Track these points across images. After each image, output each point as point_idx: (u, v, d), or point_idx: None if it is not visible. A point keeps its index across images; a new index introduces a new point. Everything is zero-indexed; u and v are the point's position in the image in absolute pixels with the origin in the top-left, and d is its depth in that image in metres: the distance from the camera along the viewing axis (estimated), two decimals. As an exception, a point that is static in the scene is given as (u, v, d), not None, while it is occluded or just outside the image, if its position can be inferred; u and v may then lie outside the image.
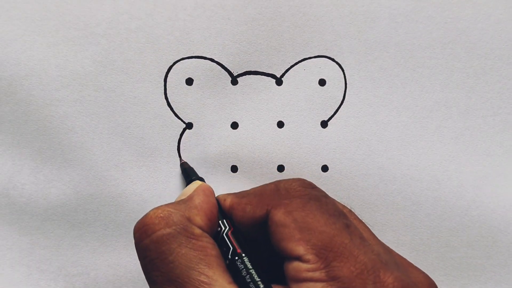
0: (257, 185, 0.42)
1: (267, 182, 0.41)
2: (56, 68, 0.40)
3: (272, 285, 0.31)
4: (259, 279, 0.31)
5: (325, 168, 0.43)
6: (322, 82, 0.42)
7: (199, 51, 0.41)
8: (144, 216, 0.32)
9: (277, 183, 0.34)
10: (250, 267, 0.32)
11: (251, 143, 0.42)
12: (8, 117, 0.40)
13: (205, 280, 0.30)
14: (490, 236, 0.44)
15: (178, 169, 0.42)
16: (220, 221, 0.34)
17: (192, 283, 0.29)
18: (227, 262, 0.32)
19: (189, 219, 0.32)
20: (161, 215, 0.31)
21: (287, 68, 0.42)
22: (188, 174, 0.40)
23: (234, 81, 0.42)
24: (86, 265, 0.42)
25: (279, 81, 0.42)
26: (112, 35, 0.40)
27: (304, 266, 0.30)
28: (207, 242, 0.31)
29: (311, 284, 0.29)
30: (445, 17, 0.42)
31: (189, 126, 0.42)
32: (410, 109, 0.43)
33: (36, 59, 0.40)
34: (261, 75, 0.42)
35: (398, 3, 0.42)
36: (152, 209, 0.32)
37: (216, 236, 0.34)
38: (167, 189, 0.42)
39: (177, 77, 0.41)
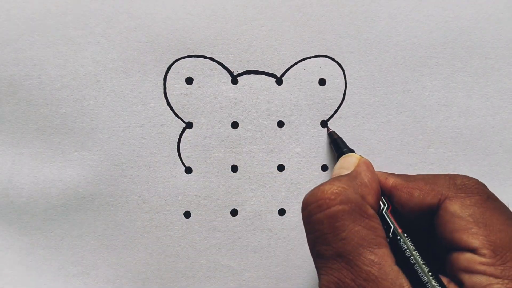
0: (258, 185, 0.42)
1: (268, 181, 0.42)
2: (56, 67, 0.40)
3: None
4: (423, 262, 0.31)
5: (325, 168, 0.43)
6: (322, 82, 0.42)
7: (199, 50, 0.41)
8: (317, 190, 0.32)
9: (452, 177, 0.34)
10: (413, 248, 0.32)
11: (251, 142, 0.42)
12: (8, 117, 0.40)
13: (375, 260, 0.30)
14: (490, 236, 0.44)
15: (177, 169, 0.42)
16: (384, 197, 0.35)
17: (362, 261, 0.30)
18: (387, 240, 0.32)
19: (363, 197, 0.32)
20: (336, 191, 0.32)
21: (287, 68, 0.42)
22: (339, 145, 0.41)
23: (234, 81, 0.42)
24: (86, 265, 0.42)
25: (279, 81, 0.42)
26: (111, 35, 0.40)
27: (479, 259, 0.30)
28: (378, 224, 0.32)
29: (484, 278, 0.30)
30: (445, 16, 0.42)
31: (189, 125, 0.42)
32: (410, 109, 0.43)
33: (36, 59, 0.40)
34: (261, 74, 0.42)
35: (398, 3, 0.42)
36: (325, 184, 0.32)
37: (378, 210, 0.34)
38: (167, 188, 0.42)
39: (177, 76, 0.41)
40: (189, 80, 0.41)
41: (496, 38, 0.43)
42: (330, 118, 0.43)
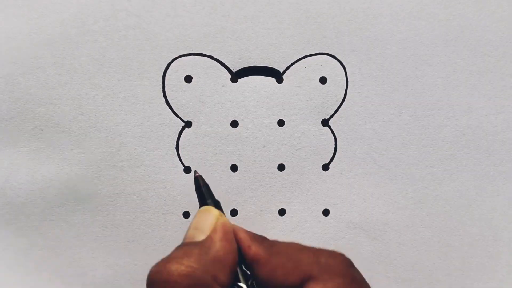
0: (258, 185, 0.41)
1: (268, 181, 0.41)
2: (54, 66, 0.40)
3: None
4: None
5: (325, 167, 0.42)
6: (323, 80, 0.42)
7: (198, 48, 0.41)
8: (163, 269, 0.29)
9: (317, 254, 0.32)
10: None
11: (251, 141, 0.42)
12: (5, 116, 0.40)
13: None
14: (492, 235, 0.44)
15: (177, 168, 0.42)
16: (240, 270, 0.32)
17: None
18: None
19: (214, 278, 0.30)
20: (183, 272, 0.29)
21: (287, 66, 0.42)
22: (203, 194, 0.35)
23: (234, 79, 0.41)
24: (84, 265, 0.42)
25: (279, 79, 0.42)
26: (109, 32, 0.40)
27: None
28: None
29: None
30: (447, 14, 0.42)
31: (188, 124, 0.41)
32: (412, 107, 0.43)
33: (33, 57, 0.39)
34: (262, 72, 0.42)
35: (400, 0, 0.42)
36: (172, 262, 0.29)
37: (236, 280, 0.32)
38: (165, 188, 0.42)
39: (175, 75, 0.41)
40: (188, 79, 0.41)
41: (498, 36, 0.43)
42: (331, 117, 0.42)
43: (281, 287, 0.31)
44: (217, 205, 0.35)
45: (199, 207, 0.34)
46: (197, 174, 0.36)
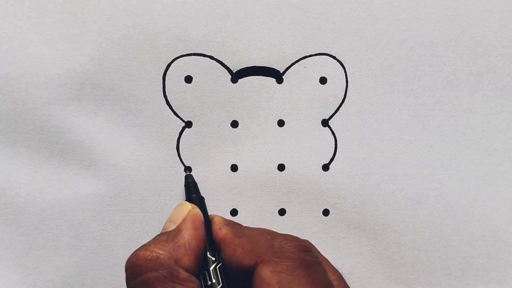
0: (257, 185, 0.41)
1: (268, 181, 0.41)
2: (54, 66, 0.40)
3: None
4: None
5: (325, 167, 0.42)
6: (323, 80, 0.42)
7: (199, 48, 0.41)
8: (134, 256, 0.33)
9: (274, 237, 0.34)
10: None
11: (251, 141, 0.42)
12: (5, 116, 0.40)
13: None
14: (492, 236, 0.44)
15: (177, 168, 0.41)
16: (209, 252, 0.35)
17: None
18: None
19: (176, 261, 0.32)
20: (149, 257, 0.32)
21: (287, 66, 0.42)
22: (189, 189, 0.40)
23: (234, 79, 0.41)
24: (84, 265, 0.41)
25: (279, 79, 0.42)
26: (109, 33, 0.40)
27: None
28: (193, 286, 0.32)
29: None
30: (447, 14, 0.42)
31: (188, 124, 0.41)
32: (412, 108, 0.43)
33: (33, 57, 0.39)
34: (262, 73, 0.41)
35: (400, 0, 0.42)
36: (141, 249, 0.33)
37: (204, 266, 0.34)
38: (166, 188, 0.41)
39: (176, 75, 0.41)
40: (188, 79, 0.41)
41: (498, 36, 0.43)
42: (331, 117, 0.42)
43: (240, 270, 0.33)
44: (201, 200, 0.38)
45: None
46: (187, 173, 0.41)
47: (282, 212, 0.42)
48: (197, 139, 0.42)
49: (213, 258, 0.34)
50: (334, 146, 0.42)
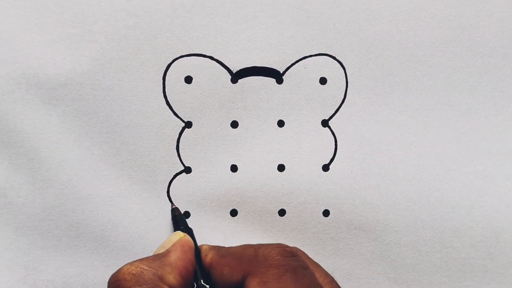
0: (257, 186, 0.41)
1: (268, 181, 0.41)
2: (54, 66, 0.40)
3: None
4: None
5: (326, 168, 0.42)
6: (323, 81, 0.42)
7: (199, 48, 0.41)
8: (118, 271, 0.33)
9: (257, 248, 0.34)
10: None
11: (251, 142, 0.42)
12: (5, 116, 0.40)
13: None
14: (493, 237, 0.44)
15: (177, 169, 0.41)
16: (203, 280, 0.35)
17: None
18: None
19: (161, 278, 0.33)
20: (133, 272, 0.32)
21: (287, 66, 0.42)
22: (177, 222, 0.40)
23: (234, 79, 0.41)
24: (84, 265, 0.41)
25: (279, 80, 0.42)
26: (110, 33, 0.40)
27: None
28: None
29: None
30: (447, 15, 0.42)
31: (188, 125, 0.41)
32: (412, 108, 0.43)
33: (33, 57, 0.39)
34: (262, 73, 0.42)
35: (400, 1, 0.42)
36: (127, 264, 0.33)
37: None
38: (166, 188, 0.41)
39: (176, 75, 0.41)
40: (188, 79, 0.41)
41: (498, 37, 0.43)
42: (331, 117, 0.42)
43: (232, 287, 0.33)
44: (189, 231, 0.39)
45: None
46: (173, 206, 0.41)
47: (282, 212, 0.42)
48: (197, 139, 0.42)
49: (207, 286, 0.35)
50: (334, 146, 0.42)
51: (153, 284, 0.32)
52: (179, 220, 0.40)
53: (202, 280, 0.35)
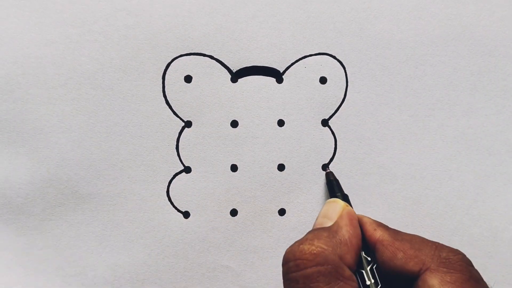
0: (258, 185, 0.41)
1: (268, 181, 0.41)
2: (53, 66, 0.40)
3: None
4: None
5: (325, 167, 0.42)
6: (323, 80, 0.42)
7: (198, 48, 0.41)
8: (296, 249, 0.32)
9: (439, 246, 0.34)
10: None
11: (251, 141, 0.42)
12: (4, 116, 0.40)
13: None
14: (492, 236, 0.44)
15: (177, 168, 0.41)
16: (364, 252, 0.35)
17: None
18: None
19: (341, 257, 0.32)
20: (314, 251, 0.32)
21: (287, 66, 0.41)
22: (333, 188, 0.40)
23: (234, 79, 0.41)
24: (84, 265, 0.41)
25: (279, 79, 0.42)
26: (109, 32, 0.40)
27: None
28: (354, 286, 0.32)
29: None
30: (448, 14, 0.42)
31: (188, 124, 0.41)
32: (412, 108, 0.43)
33: (33, 57, 0.39)
34: (262, 72, 0.41)
35: (400, 0, 0.42)
36: (305, 242, 0.33)
37: (359, 265, 0.34)
38: (165, 188, 0.41)
39: (175, 75, 0.41)
40: (188, 79, 0.41)
41: (499, 36, 0.43)
42: (331, 117, 0.42)
43: (399, 273, 0.34)
44: (345, 198, 0.39)
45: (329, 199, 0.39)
46: (328, 170, 0.41)
47: (282, 212, 0.42)
48: (197, 139, 0.42)
49: (369, 258, 0.35)
50: (334, 146, 0.42)
51: (334, 264, 0.32)
52: (336, 185, 0.40)
53: (363, 253, 0.35)
